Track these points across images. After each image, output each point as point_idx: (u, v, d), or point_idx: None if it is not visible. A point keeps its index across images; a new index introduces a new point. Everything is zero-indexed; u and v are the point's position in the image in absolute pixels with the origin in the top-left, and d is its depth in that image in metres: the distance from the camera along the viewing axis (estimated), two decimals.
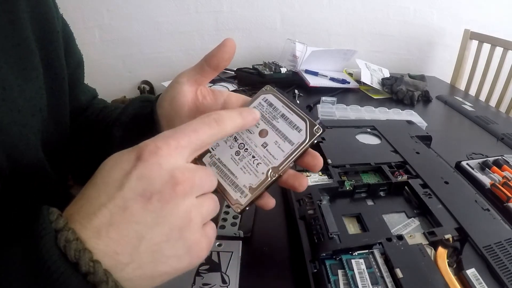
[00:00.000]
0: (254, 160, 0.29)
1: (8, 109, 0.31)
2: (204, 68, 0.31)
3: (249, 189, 0.28)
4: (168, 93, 0.33)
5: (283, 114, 0.30)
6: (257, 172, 0.28)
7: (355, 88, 1.14)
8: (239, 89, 1.06)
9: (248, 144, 0.30)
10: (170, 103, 0.32)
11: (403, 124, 0.68)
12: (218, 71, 0.32)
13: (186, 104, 0.32)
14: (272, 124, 0.30)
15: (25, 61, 0.34)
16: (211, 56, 0.31)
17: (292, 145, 0.29)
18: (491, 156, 0.62)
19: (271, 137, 0.30)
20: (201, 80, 0.32)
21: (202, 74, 0.32)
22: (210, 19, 1.50)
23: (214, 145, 0.30)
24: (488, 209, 0.43)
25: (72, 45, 0.43)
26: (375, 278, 0.33)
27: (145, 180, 0.21)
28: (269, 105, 0.31)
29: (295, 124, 0.30)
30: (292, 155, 0.28)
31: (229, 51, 0.30)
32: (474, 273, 0.34)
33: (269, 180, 0.28)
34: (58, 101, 0.39)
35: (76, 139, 0.44)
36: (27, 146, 0.33)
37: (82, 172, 0.48)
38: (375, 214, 0.42)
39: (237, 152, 0.30)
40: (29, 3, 0.35)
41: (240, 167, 0.29)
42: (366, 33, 1.54)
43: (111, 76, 1.57)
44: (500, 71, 1.28)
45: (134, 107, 0.38)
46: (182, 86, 0.32)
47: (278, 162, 0.28)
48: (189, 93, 0.32)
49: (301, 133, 0.29)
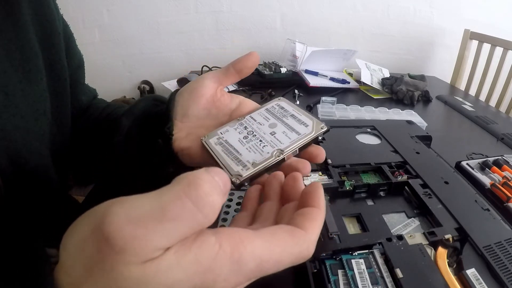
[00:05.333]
0: (261, 143, 0.30)
1: (11, 115, 0.31)
2: (229, 70, 0.33)
3: (252, 164, 0.28)
4: (191, 84, 0.35)
5: (293, 114, 0.33)
6: (262, 152, 0.29)
7: (355, 88, 1.14)
8: (239, 89, 1.06)
9: (257, 132, 0.31)
10: (190, 93, 0.34)
11: (403, 124, 0.68)
12: (240, 75, 0.34)
13: (205, 96, 0.33)
14: (281, 120, 0.32)
15: (29, 63, 0.34)
16: (238, 61, 0.33)
17: (299, 135, 0.30)
18: (491, 156, 0.62)
19: (279, 128, 0.31)
20: (223, 80, 0.34)
21: (226, 75, 0.34)
22: (210, 19, 1.50)
23: (223, 130, 0.32)
24: (488, 209, 0.43)
25: (72, 46, 0.43)
26: (375, 278, 0.33)
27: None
28: (281, 108, 0.34)
29: (303, 121, 0.32)
30: (298, 142, 0.30)
31: (253, 61, 0.33)
32: (474, 273, 0.34)
33: (273, 159, 0.28)
34: (60, 103, 0.39)
35: (78, 139, 0.44)
36: (30, 152, 0.33)
37: (83, 171, 0.48)
38: (375, 214, 0.42)
39: (245, 137, 0.31)
40: (31, 5, 0.35)
41: (246, 148, 0.30)
42: (366, 33, 1.55)
43: (111, 76, 1.57)
44: (500, 71, 1.28)
45: (147, 103, 0.39)
46: (205, 80, 0.34)
47: (284, 146, 0.29)
48: (210, 88, 0.33)
49: (308, 127, 0.31)
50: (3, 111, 0.30)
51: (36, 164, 0.34)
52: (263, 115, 0.33)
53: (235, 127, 0.32)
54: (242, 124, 0.32)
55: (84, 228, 0.18)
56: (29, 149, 0.33)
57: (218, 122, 0.34)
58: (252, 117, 0.33)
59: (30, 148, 0.33)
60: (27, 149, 0.33)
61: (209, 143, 0.31)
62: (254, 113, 0.34)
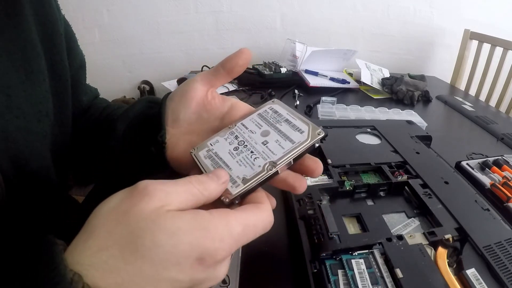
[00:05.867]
0: (252, 155, 0.28)
1: (14, 116, 0.31)
2: (219, 71, 0.32)
3: (242, 179, 0.27)
4: (181, 87, 0.34)
5: (287, 119, 0.31)
6: (253, 165, 0.27)
7: (355, 88, 1.14)
8: (239, 89, 1.06)
9: (248, 142, 0.30)
10: (181, 96, 0.33)
11: (403, 124, 0.68)
12: (231, 75, 0.32)
13: (195, 100, 0.32)
14: (275, 126, 0.30)
15: (31, 64, 0.34)
16: (227, 60, 0.32)
17: (293, 143, 0.28)
18: (491, 156, 0.62)
19: (272, 137, 0.29)
20: (214, 81, 0.33)
21: (216, 76, 0.32)
22: (210, 19, 1.50)
23: (213, 141, 0.30)
24: (488, 209, 0.43)
25: (74, 46, 0.43)
26: (375, 278, 0.33)
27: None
28: (274, 112, 0.32)
29: (297, 127, 0.30)
30: (292, 152, 0.28)
31: (244, 58, 0.31)
32: (474, 273, 0.34)
33: (265, 173, 0.27)
34: (62, 104, 0.39)
35: (78, 139, 0.44)
36: (32, 153, 0.33)
37: (84, 171, 0.48)
38: (375, 214, 0.42)
39: (235, 148, 0.29)
40: (33, 5, 0.35)
41: (236, 160, 0.28)
42: (366, 33, 1.54)
43: (111, 76, 1.57)
44: (500, 71, 1.28)
45: (141, 106, 0.39)
46: (195, 83, 0.32)
47: (277, 157, 0.27)
48: (200, 91, 0.32)
49: (303, 134, 0.29)
50: (5, 113, 0.30)
51: (37, 165, 0.34)
52: (255, 122, 0.31)
53: (226, 137, 0.30)
54: (233, 133, 0.31)
55: (119, 193, 0.22)
56: (30, 150, 0.33)
57: (209, 126, 0.33)
58: (243, 124, 0.32)
59: (31, 150, 0.33)
60: (28, 150, 0.33)
61: (199, 156, 0.29)
62: (246, 119, 0.32)
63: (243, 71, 0.32)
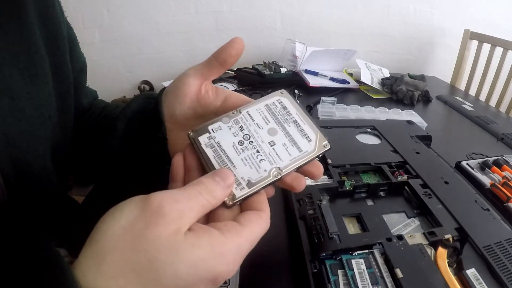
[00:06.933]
0: (258, 155, 0.27)
1: (16, 119, 0.31)
2: (212, 62, 0.31)
3: (248, 183, 0.26)
4: (174, 83, 0.33)
5: (296, 120, 0.30)
6: (259, 168, 0.27)
7: (355, 88, 1.14)
8: (239, 89, 1.06)
9: (254, 137, 0.28)
10: (174, 92, 0.32)
11: (403, 124, 0.68)
12: (225, 67, 0.32)
13: (189, 95, 0.32)
14: (283, 126, 0.29)
15: (35, 66, 0.33)
16: (219, 51, 0.31)
17: (300, 152, 0.28)
18: (491, 156, 0.62)
19: (279, 138, 0.29)
20: (207, 74, 0.32)
21: (210, 68, 0.32)
22: (210, 19, 1.50)
23: (215, 127, 0.29)
24: (488, 209, 0.43)
25: (76, 49, 0.43)
26: (375, 278, 0.33)
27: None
28: (283, 108, 0.31)
29: (306, 133, 0.29)
30: (298, 161, 0.27)
31: (237, 48, 0.31)
32: (474, 273, 0.34)
33: (270, 179, 0.26)
34: (65, 107, 0.39)
35: (78, 139, 0.44)
36: (34, 156, 0.33)
37: (84, 171, 0.48)
38: (375, 214, 0.42)
39: (240, 142, 0.28)
40: (36, 7, 0.34)
41: (241, 158, 0.27)
42: (366, 33, 1.54)
43: (111, 76, 1.57)
44: (500, 71, 1.28)
45: (139, 103, 0.38)
46: (188, 77, 0.32)
47: (283, 164, 0.27)
48: (194, 85, 0.32)
49: (311, 143, 0.29)
50: (9, 116, 0.30)
51: (38, 167, 0.34)
52: (262, 114, 0.30)
53: (229, 125, 0.29)
54: (238, 122, 0.29)
55: (130, 208, 0.21)
56: (32, 153, 0.33)
57: (205, 120, 0.32)
58: (249, 113, 0.30)
59: (34, 153, 0.33)
60: (31, 154, 0.32)
61: (198, 142, 0.28)
62: (252, 108, 0.30)
63: (236, 61, 0.31)
